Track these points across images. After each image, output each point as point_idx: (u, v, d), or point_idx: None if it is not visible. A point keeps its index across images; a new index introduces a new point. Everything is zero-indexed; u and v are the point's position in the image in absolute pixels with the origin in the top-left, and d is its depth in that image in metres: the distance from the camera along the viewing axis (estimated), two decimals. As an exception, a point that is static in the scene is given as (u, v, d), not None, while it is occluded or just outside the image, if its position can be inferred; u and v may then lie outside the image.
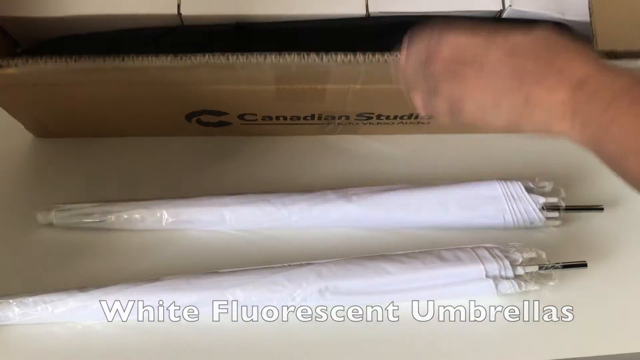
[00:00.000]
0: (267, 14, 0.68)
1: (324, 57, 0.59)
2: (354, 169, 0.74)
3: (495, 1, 0.68)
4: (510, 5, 0.68)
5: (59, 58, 0.59)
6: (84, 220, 0.67)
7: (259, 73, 0.61)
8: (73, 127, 0.76)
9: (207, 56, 0.59)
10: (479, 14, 0.67)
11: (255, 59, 0.59)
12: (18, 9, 0.67)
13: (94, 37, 0.68)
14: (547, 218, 0.67)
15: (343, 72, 0.62)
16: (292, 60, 0.59)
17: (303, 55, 0.59)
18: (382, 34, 0.68)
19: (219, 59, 0.59)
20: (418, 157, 0.75)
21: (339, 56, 0.60)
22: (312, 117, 0.73)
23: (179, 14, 0.66)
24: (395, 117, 0.73)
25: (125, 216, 0.66)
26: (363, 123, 0.74)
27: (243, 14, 0.67)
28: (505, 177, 0.68)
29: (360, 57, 0.60)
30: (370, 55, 0.60)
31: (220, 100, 0.69)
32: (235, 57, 0.59)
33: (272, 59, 0.59)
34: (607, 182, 0.70)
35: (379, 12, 0.68)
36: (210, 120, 0.74)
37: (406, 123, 0.74)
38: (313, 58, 0.59)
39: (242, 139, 0.76)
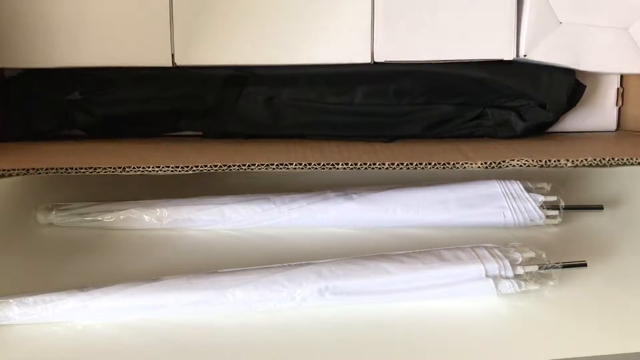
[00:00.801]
0: (267, 64, 0.68)
1: (326, 165, 0.61)
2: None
3: (508, 50, 0.68)
4: (525, 55, 0.68)
5: (60, 168, 0.60)
6: (84, 219, 0.67)
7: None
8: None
9: (209, 166, 0.60)
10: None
11: (258, 168, 0.60)
12: (12, 60, 0.67)
13: (88, 76, 0.69)
14: (547, 216, 0.67)
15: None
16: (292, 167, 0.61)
17: (305, 164, 0.60)
18: (386, 80, 0.69)
19: (221, 168, 0.60)
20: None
21: (339, 165, 0.61)
22: None
23: (174, 64, 0.67)
24: None
25: (125, 215, 0.67)
26: None
27: (239, 64, 0.68)
28: (503, 177, 0.69)
29: (352, 166, 0.61)
30: (361, 164, 0.61)
31: None
32: (237, 166, 0.60)
33: (273, 168, 0.60)
34: (606, 183, 0.70)
35: (385, 61, 0.68)
36: None
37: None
38: (314, 166, 0.61)
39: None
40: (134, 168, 0.60)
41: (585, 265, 0.62)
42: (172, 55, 0.67)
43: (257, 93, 0.71)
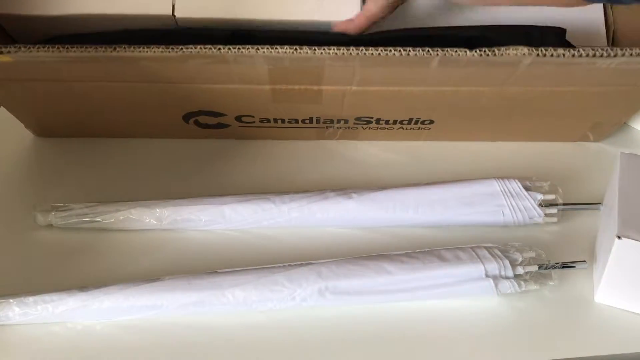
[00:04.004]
0: (263, 19, 0.68)
1: (317, 50, 0.59)
2: (353, 175, 0.74)
3: None
4: None
5: (52, 46, 0.59)
6: (84, 220, 0.67)
7: (252, 68, 0.61)
8: (73, 127, 0.77)
9: (198, 47, 0.59)
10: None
11: (248, 51, 0.59)
12: (14, 6, 0.67)
13: (89, 38, 0.68)
14: (546, 214, 0.67)
15: (338, 70, 0.62)
16: (284, 53, 0.59)
17: (296, 48, 0.59)
18: (378, 43, 0.69)
19: (210, 51, 0.59)
20: (417, 164, 0.75)
21: (332, 50, 0.59)
22: (311, 120, 0.73)
23: (173, 15, 0.66)
24: (395, 122, 0.73)
25: (125, 216, 0.66)
26: (362, 127, 0.74)
27: (239, 18, 0.67)
28: (502, 176, 0.69)
29: (353, 51, 0.59)
30: (364, 50, 0.60)
31: (216, 100, 0.69)
32: (227, 49, 0.59)
33: (264, 51, 0.59)
34: (604, 180, 0.70)
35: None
36: (209, 122, 0.74)
37: (407, 129, 0.74)
38: (305, 51, 0.59)
39: (241, 143, 0.77)
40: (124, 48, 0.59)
41: (585, 264, 0.62)
42: (173, 6, 0.67)
43: None
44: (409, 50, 0.59)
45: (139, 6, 0.67)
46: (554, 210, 0.68)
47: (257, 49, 0.59)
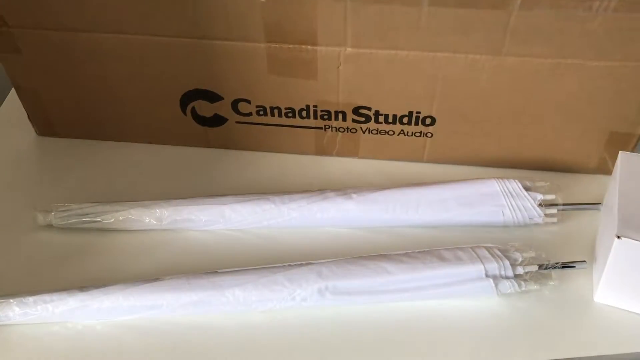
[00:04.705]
0: None
1: None
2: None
3: None
4: None
5: None
6: (84, 220, 0.67)
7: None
8: (72, 120, 0.77)
9: None
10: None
11: None
12: None
13: None
14: (546, 214, 0.67)
15: (330, 14, 0.62)
16: None
17: None
18: None
19: None
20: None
21: None
22: (307, 111, 0.73)
23: None
24: (395, 120, 0.73)
25: (125, 216, 0.66)
26: (362, 130, 0.74)
27: None
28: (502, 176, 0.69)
29: None
30: None
31: (212, 66, 0.69)
32: None
33: None
34: (603, 181, 0.70)
35: None
36: (206, 114, 0.74)
37: (408, 134, 0.74)
38: None
39: (239, 154, 0.78)
40: None
41: (584, 264, 0.62)
42: None
43: None
44: None
45: None
46: (553, 211, 0.68)
47: None
